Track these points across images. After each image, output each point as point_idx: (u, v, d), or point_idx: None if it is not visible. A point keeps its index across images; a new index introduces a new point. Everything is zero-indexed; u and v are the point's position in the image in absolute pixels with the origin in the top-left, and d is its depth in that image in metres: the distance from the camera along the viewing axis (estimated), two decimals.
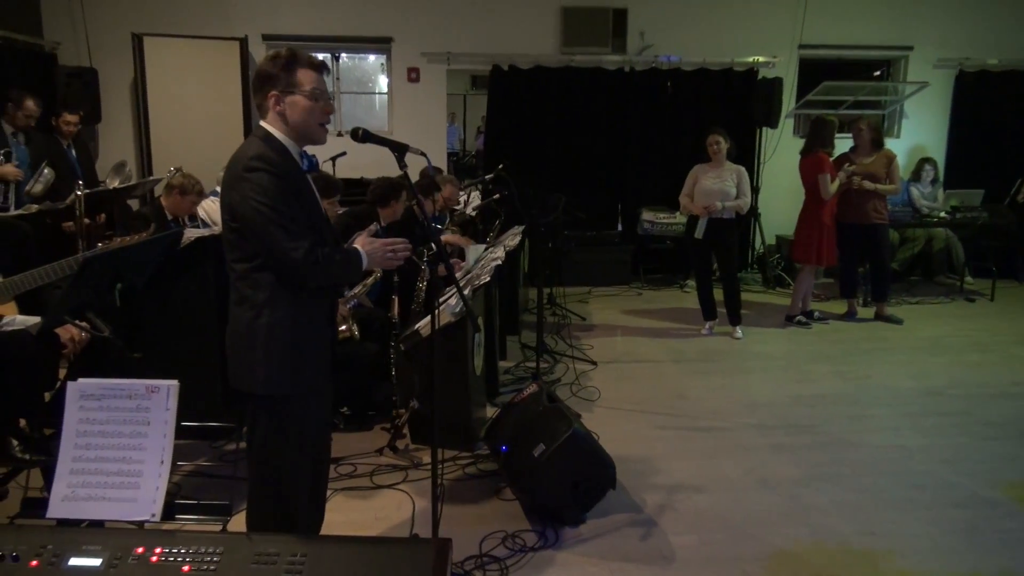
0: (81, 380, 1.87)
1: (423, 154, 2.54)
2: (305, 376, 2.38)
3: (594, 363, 5.57)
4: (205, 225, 5.69)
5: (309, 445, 2.47)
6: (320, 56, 8.44)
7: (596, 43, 8.32)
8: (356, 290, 4.31)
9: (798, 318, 6.68)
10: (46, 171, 5.67)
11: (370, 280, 4.38)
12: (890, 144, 6.91)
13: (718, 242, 6.06)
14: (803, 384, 5.20)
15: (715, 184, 5.98)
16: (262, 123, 2.36)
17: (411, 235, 4.88)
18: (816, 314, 6.80)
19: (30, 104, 5.67)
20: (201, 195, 5.49)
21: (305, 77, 2.32)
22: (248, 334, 2.29)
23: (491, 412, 4.32)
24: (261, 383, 2.32)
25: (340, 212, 4.68)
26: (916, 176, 8.15)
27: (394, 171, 4.91)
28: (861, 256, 6.79)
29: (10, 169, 5.46)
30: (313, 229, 2.33)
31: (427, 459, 3.79)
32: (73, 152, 6.25)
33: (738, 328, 6.26)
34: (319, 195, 2.51)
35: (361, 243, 2.44)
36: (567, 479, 3.27)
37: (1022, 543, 3.21)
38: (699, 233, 6.02)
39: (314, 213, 2.38)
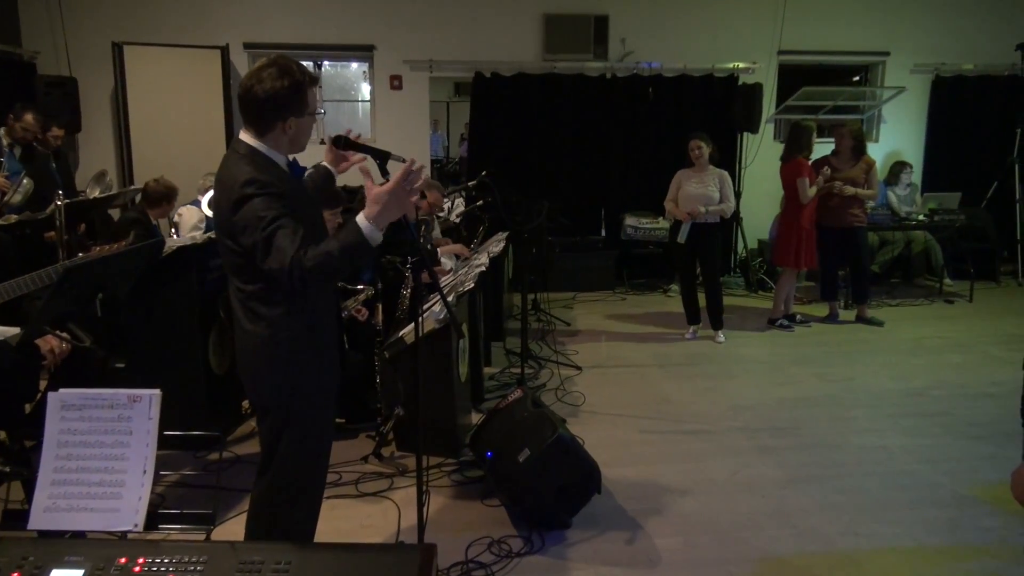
0: (62, 390, 1.85)
1: (403, 160, 2.54)
2: (326, 383, 2.40)
3: (579, 368, 5.58)
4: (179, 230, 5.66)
5: (327, 451, 2.53)
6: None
7: (578, 50, 8.37)
8: (348, 302, 4.31)
9: (780, 321, 6.72)
10: (24, 181, 5.62)
11: (362, 296, 4.38)
12: (868, 148, 6.99)
13: (701, 247, 6.10)
14: (786, 387, 5.24)
15: (698, 189, 6.03)
16: (248, 138, 2.26)
17: (398, 242, 4.89)
18: (798, 317, 6.85)
19: (29, 118, 5.72)
20: (177, 194, 5.50)
21: (311, 97, 2.28)
22: (268, 351, 2.27)
23: (476, 418, 4.32)
24: (287, 396, 2.32)
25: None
26: (894, 179, 8.25)
27: (376, 179, 4.90)
28: (840, 259, 6.86)
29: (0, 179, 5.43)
30: (316, 239, 2.30)
31: (412, 466, 3.77)
32: (53, 163, 6.21)
33: (720, 332, 6.30)
34: (323, 205, 2.51)
35: (371, 197, 2.09)
36: (552, 484, 3.28)
37: (1002, 541, 3.25)
38: (682, 238, 6.07)
39: (314, 218, 2.35)
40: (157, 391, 1.85)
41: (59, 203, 5.00)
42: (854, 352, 6.02)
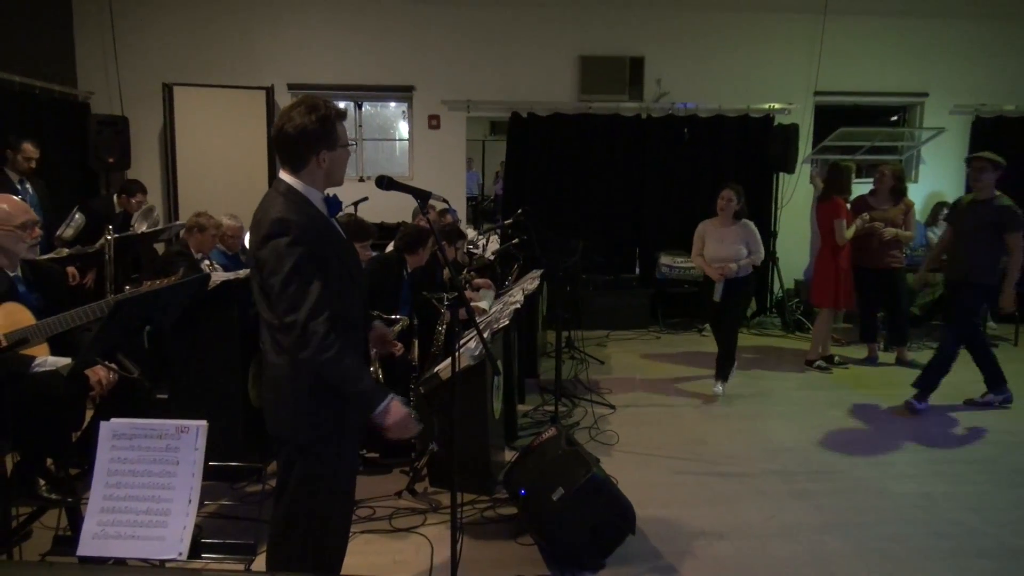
0: (113, 420, 1.92)
1: (445, 201, 2.61)
2: (348, 420, 2.41)
3: (612, 407, 5.57)
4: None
5: (345, 486, 2.53)
6: (343, 104, 8.69)
7: (613, 91, 8.49)
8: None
9: (818, 363, 6.64)
10: (77, 216, 5.82)
11: (397, 327, 4.45)
12: (908, 188, 6.95)
13: (732, 298, 5.74)
14: (824, 429, 5.16)
15: (722, 249, 5.67)
16: (286, 176, 2.35)
17: (433, 280, 4.96)
18: (836, 359, 6.76)
19: (28, 147, 5.80)
20: (219, 228, 5.61)
21: (341, 130, 2.38)
22: (290, 383, 2.32)
23: (510, 456, 4.32)
24: (306, 429, 2.34)
25: (370, 256, 4.76)
26: (933, 220, 8.16)
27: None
28: (879, 301, 6.77)
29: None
30: (347, 278, 2.37)
31: (446, 502, 3.80)
32: (120, 219, 6.45)
33: (720, 383, 5.91)
34: (351, 238, 2.56)
35: (396, 410, 2.32)
36: (586, 524, 3.27)
37: None
38: (717, 296, 5.71)
39: (343, 256, 2.41)
40: (204, 423, 1.92)
41: (108, 238, 5.18)
42: (894, 395, 5.91)
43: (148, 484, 1.86)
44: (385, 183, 2.57)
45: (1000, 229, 5.24)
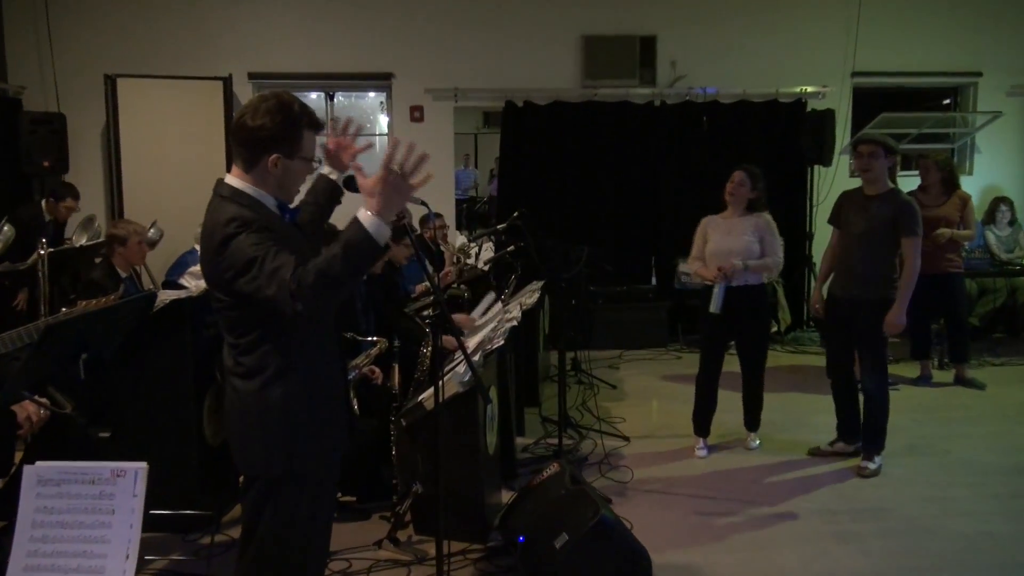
0: (39, 463, 1.90)
1: (423, 203, 2.60)
2: (326, 452, 2.43)
3: (626, 438, 5.55)
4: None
5: (320, 534, 2.53)
6: (313, 95, 8.70)
7: (622, 75, 8.52)
8: (358, 360, 4.36)
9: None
10: (4, 228, 5.81)
11: (374, 351, 4.44)
12: (962, 182, 6.95)
13: (741, 318, 5.06)
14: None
15: (726, 242, 5.04)
16: (233, 179, 2.38)
17: (396, 289, 4.98)
18: None
19: None
20: (142, 235, 5.42)
21: (308, 142, 2.39)
22: (260, 409, 2.33)
23: (506, 497, 4.30)
24: (280, 462, 2.34)
25: None
26: (991, 218, 8.15)
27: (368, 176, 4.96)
28: (934, 311, 6.75)
29: None
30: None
31: (433, 552, 3.76)
32: (51, 229, 6.44)
33: (754, 435, 5.44)
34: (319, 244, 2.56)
35: (365, 191, 2.19)
36: (594, 575, 3.24)
37: None
38: (715, 307, 4.94)
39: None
40: (143, 465, 1.90)
41: (42, 252, 5.17)
42: (951, 420, 5.91)
43: (79, 537, 1.84)
44: (354, 184, 2.56)
45: (896, 230, 4.71)
